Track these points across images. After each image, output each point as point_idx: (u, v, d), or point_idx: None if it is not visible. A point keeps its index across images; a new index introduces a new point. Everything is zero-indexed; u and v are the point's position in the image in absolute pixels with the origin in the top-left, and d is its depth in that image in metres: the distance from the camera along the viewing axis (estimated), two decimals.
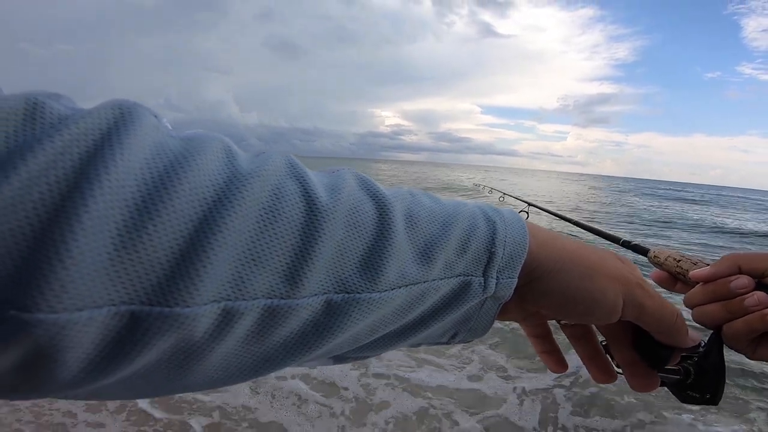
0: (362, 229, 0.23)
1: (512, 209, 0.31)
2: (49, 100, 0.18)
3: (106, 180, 0.17)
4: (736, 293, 0.38)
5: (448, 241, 0.26)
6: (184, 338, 0.19)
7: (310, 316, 0.22)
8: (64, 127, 0.18)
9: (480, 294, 0.27)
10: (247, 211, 0.20)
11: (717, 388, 0.40)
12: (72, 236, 0.16)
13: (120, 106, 0.20)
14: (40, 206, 0.16)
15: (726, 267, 0.40)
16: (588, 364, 0.36)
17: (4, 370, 0.17)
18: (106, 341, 0.18)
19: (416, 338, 0.28)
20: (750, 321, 0.37)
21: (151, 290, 0.18)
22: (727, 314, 0.38)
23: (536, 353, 0.37)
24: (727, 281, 0.39)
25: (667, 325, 0.31)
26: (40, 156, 0.17)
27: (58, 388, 0.19)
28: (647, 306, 0.30)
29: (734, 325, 0.38)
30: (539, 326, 0.36)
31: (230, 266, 0.20)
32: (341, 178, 0.25)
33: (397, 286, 0.24)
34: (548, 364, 0.37)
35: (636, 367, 0.34)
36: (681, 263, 0.45)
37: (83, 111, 0.19)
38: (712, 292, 0.40)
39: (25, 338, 0.16)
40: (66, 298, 0.16)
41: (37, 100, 0.18)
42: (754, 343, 0.38)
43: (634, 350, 0.34)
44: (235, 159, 0.22)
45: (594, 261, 0.30)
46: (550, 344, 0.36)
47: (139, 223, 0.18)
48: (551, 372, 0.38)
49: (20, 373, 0.18)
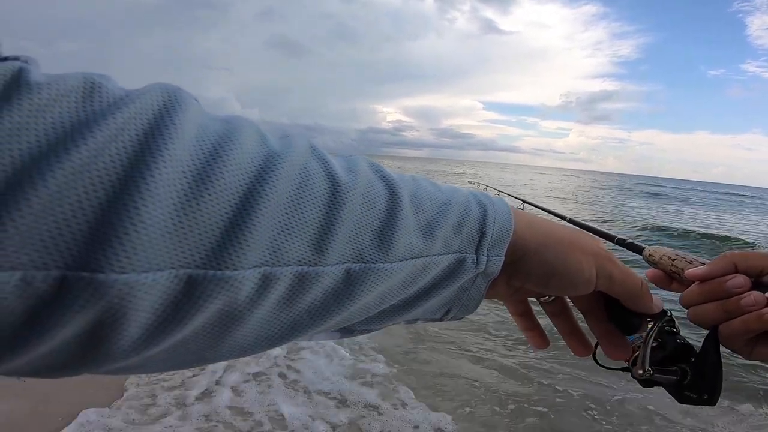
0: (376, 206, 0.26)
1: (501, 198, 0.33)
2: (103, 79, 0.20)
3: (167, 153, 0.19)
4: (732, 293, 0.38)
5: (446, 220, 0.29)
6: (230, 302, 0.21)
7: (332, 284, 0.24)
8: (122, 105, 0.19)
9: (473, 270, 0.30)
10: (283, 186, 0.22)
11: (714, 389, 0.39)
12: (142, 202, 0.18)
13: (167, 89, 0.21)
14: (105, 175, 0.18)
15: (722, 266, 0.39)
16: (567, 338, 0.39)
17: (68, 339, 0.18)
18: (165, 305, 0.19)
19: (416, 312, 0.30)
20: (747, 321, 0.36)
21: (206, 254, 0.20)
22: (724, 314, 0.38)
23: (521, 331, 0.41)
24: (723, 280, 0.38)
25: (634, 292, 0.35)
26: (104, 129, 0.18)
27: (112, 359, 0.20)
28: (616, 275, 0.34)
29: (731, 325, 0.37)
30: (522, 304, 0.39)
31: (269, 235, 0.21)
32: (356, 162, 0.28)
33: (404, 258, 0.27)
34: (532, 341, 0.40)
35: (610, 336, 0.38)
36: (676, 262, 0.45)
37: (136, 92, 0.20)
38: (708, 291, 0.39)
39: (95, 301, 0.17)
40: (135, 260, 0.18)
41: (94, 80, 0.19)
42: (750, 343, 0.38)
43: (608, 321, 0.38)
44: (267, 140, 0.24)
45: (570, 239, 0.34)
46: (532, 321, 0.40)
47: (196, 193, 0.19)
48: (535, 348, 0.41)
49: (84, 341, 0.19)
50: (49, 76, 0.19)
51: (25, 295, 0.16)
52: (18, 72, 0.18)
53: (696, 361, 0.40)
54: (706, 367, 0.39)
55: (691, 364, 0.40)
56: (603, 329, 0.38)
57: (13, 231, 0.16)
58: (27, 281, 0.16)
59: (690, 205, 20.22)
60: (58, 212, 0.17)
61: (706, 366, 0.39)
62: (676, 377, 0.40)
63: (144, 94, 0.20)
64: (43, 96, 0.18)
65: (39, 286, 0.17)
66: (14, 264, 0.16)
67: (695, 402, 0.40)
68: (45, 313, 0.17)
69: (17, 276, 0.16)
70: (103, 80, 0.20)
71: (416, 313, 0.31)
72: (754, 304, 0.36)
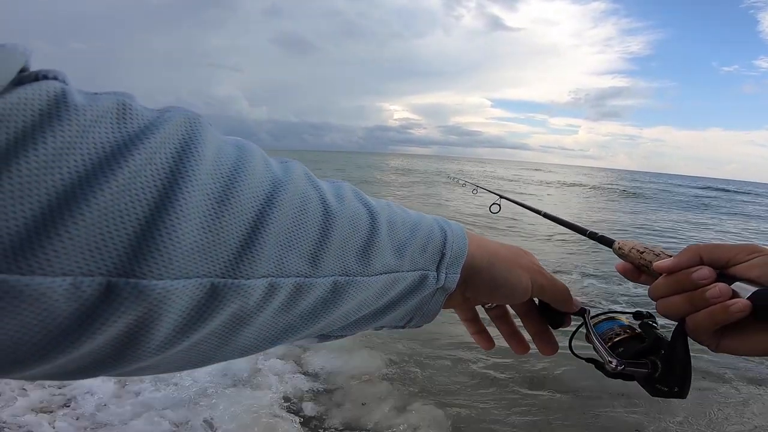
0: (360, 228, 0.30)
1: (458, 223, 0.40)
2: (131, 100, 0.22)
3: (194, 176, 0.22)
4: (698, 284, 0.37)
5: (414, 242, 0.34)
6: (241, 307, 0.24)
7: (322, 293, 0.28)
8: (154, 129, 0.22)
9: (433, 285, 0.35)
10: (287, 209, 0.26)
11: (684, 382, 0.39)
12: (176, 218, 0.20)
13: (188, 116, 0.24)
14: (142, 194, 0.20)
15: (688, 258, 0.39)
16: (508, 338, 0.47)
17: (108, 339, 0.20)
18: (191, 308, 0.22)
19: (384, 320, 0.35)
20: (712, 313, 0.36)
21: (225, 265, 0.23)
22: (690, 306, 0.38)
23: (470, 334, 0.48)
24: (689, 272, 0.38)
25: (559, 297, 0.44)
26: (141, 152, 0.20)
27: (138, 359, 0.22)
28: (546, 285, 0.43)
29: (697, 317, 0.37)
30: (470, 311, 0.46)
31: (275, 250, 0.25)
32: (342, 188, 0.32)
33: (380, 273, 0.31)
34: (480, 343, 0.48)
35: (541, 335, 0.46)
36: (644, 255, 0.45)
37: (162, 116, 0.23)
38: (675, 283, 0.39)
39: (138, 303, 0.20)
40: (171, 268, 0.20)
41: (125, 102, 0.22)
42: (717, 335, 0.38)
43: (540, 322, 0.46)
44: (271, 166, 0.27)
45: (511, 257, 0.41)
46: (479, 325, 0.47)
47: (218, 212, 0.22)
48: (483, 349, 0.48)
49: (121, 341, 0.21)
50: (86, 95, 0.21)
51: (74, 299, 0.18)
52: (62, 92, 0.20)
53: (665, 354, 0.40)
54: (674, 359, 0.39)
55: (660, 357, 0.40)
56: (536, 329, 0.46)
57: (67, 240, 0.18)
58: (76, 285, 0.18)
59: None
60: (104, 226, 0.19)
61: (675, 358, 0.39)
62: (646, 370, 0.40)
63: (170, 120, 0.23)
64: (88, 117, 0.20)
65: (86, 290, 0.19)
66: (65, 270, 0.18)
67: (666, 395, 0.40)
68: (92, 315, 0.19)
69: (68, 281, 0.18)
70: (132, 101, 0.22)
71: (384, 321, 0.35)
72: (719, 295, 0.36)
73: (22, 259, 0.17)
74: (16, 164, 0.17)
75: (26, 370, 0.20)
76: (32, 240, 0.17)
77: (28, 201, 0.17)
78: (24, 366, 0.19)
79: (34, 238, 0.17)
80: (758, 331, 0.35)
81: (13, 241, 0.17)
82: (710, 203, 17.72)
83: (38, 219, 0.17)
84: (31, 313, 0.18)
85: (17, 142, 0.17)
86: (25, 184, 0.17)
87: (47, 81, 0.20)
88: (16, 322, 0.18)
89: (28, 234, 0.17)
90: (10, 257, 0.17)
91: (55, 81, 0.20)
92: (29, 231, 0.17)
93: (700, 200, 18.80)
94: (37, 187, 0.17)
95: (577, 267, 4.90)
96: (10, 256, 0.17)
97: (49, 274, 0.18)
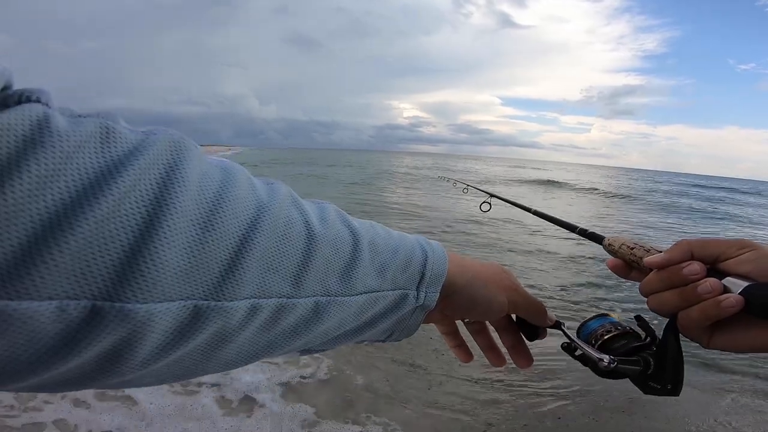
0: (342, 250, 0.31)
1: (438, 243, 0.41)
2: (114, 123, 0.22)
3: (178, 203, 0.22)
4: (689, 279, 0.37)
5: (395, 263, 0.35)
6: (223, 326, 0.25)
7: (303, 313, 0.29)
8: (137, 154, 0.22)
9: (413, 303, 0.37)
10: (270, 233, 0.26)
11: (677, 379, 0.39)
12: (160, 243, 0.21)
13: (173, 139, 0.24)
14: (127, 221, 0.20)
15: (679, 253, 0.39)
16: (486, 351, 0.49)
17: (93, 357, 0.21)
18: (174, 328, 0.22)
19: (364, 335, 0.36)
20: (704, 308, 0.36)
21: (209, 288, 0.23)
22: (682, 302, 0.38)
23: (449, 348, 0.50)
24: (680, 268, 0.38)
25: (534, 312, 0.46)
26: (124, 179, 0.20)
27: (121, 374, 0.23)
28: (521, 302, 0.45)
29: (689, 312, 0.37)
30: (450, 325, 0.49)
31: (258, 273, 0.25)
32: (326, 210, 0.33)
33: (361, 292, 0.32)
34: (458, 355, 0.50)
35: (516, 347, 0.48)
36: (635, 251, 0.45)
37: (146, 140, 0.23)
38: (665, 279, 0.39)
39: (122, 325, 0.20)
40: (154, 292, 0.21)
41: (108, 125, 0.22)
42: (708, 331, 0.38)
43: (515, 335, 0.48)
44: (256, 188, 0.28)
45: (489, 276, 0.43)
46: (458, 339, 0.50)
47: (203, 236, 0.23)
48: (461, 362, 0.50)
49: (106, 358, 0.21)
50: (69, 119, 0.21)
51: (59, 321, 0.19)
52: (44, 117, 0.20)
53: (657, 351, 0.40)
54: (666, 356, 0.39)
55: (653, 354, 0.40)
56: (511, 342, 0.48)
57: (53, 266, 0.18)
58: (62, 309, 0.19)
59: None
60: (89, 252, 0.19)
61: (667, 355, 0.39)
62: (639, 367, 0.40)
63: (154, 144, 0.23)
64: (71, 143, 0.20)
65: (72, 312, 0.19)
66: (51, 294, 0.18)
67: (659, 392, 0.40)
68: (78, 335, 0.20)
69: (54, 304, 0.19)
70: (115, 124, 0.22)
71: (364, 336, 0.36)
72: (711, 291, 0.36)
73: (10, 285, 0.18)
74: (0, 192, 0.17)
75: (16, 384, 0.21)
76: (19, 267, 0.18)
77: (14, 228, 0.17)
78: (13, 380, 0.20)
79: (20, 265, 0.18)
80: (750, 327, 0.35)
81: (0, 268, 0.17)
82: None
83: (24, 246, 0.18)
84: (19, 334, 0.18)
85: (1, 170, 0.17)
86: (11, 212, 0.17)
87: (30, 104, 0.20)
88: (5, 342, 0.18)
89: (15, 261, 0.18)
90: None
91: (38, 104, 0.20)
92: (16, 258, 0.18)
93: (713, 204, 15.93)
94: (22, 214, 0.18)
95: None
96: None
97: (35, 299, 0.18)
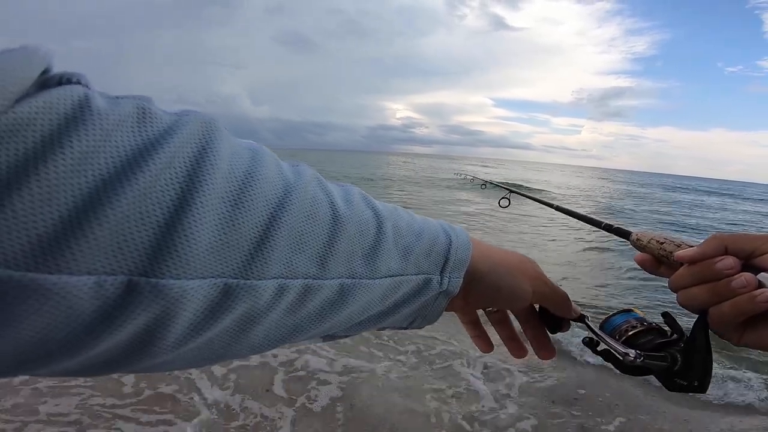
0: (367, 233, 0.31)
1: (462, 227, 0.40)
2: (149, 104, 0.23)
3: (210, 180, 0.22)
4: (722, 275, 0.36)
5: (419, 247, 0.34)
6: (252, 307, 0.25)
7: (328, 294, 0.29)
8: (172, 133, 0.22)
9: (436, 289, 0.36)
10: (297, 213, 0.26)
11: (704, 375, 0.38)
12: (193, 220, 0.21)
13: (204, 120, 0.25)
14: (162, 197, 0.21)
15: (712, 247, 0.38)
16: (507, 342, 0.49)
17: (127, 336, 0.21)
18: (205, 307, 0.23)
19: (387, 321, 0.36)
20: (738, 303, 0.35)
21: (238, 266, 0.23)
22: (714, 297, 0.37)
23: (470, 337, 0.50)
24: (713, 262, 0.37)
25: (559, 303, 0.45)
26: (160, 157, 0.21)
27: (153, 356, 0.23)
28: (546, 292, 0.44)
29: (721, 308, 0.36)
30: (472, 314, 0.48)
31: (286, 252, 0.25)
32: (350, 192, 0.33)
33: (385, 276, 0.32)
34: (479, 345, 0.49)
35: (538, 339, 0.48)
36: (665, 245, 0.44)
37: (180, 120, 0.23)
38: (697, 273, 0.38)
39: (156, 302, 0.21)
40: (188, 269, 0.21)
41: (144, 106, 0.22)
42: (740, 327, 0.37)
43: (538, 327, 0.47)
44: (283, 169, 0.28)
45: (514, 264, 0.42)
46: (479, 328, 0.49)
47: (233, 214, 0.23)
48: (482, 352, 0.50)
49: (138, 338, 0.21)
50: (107, 99, 0.21)
51: (97, 297, 0.19)
52: (85, 97, 0.20)
53: (685, 347, 0.39)
54: (695, 352, 0.39)
55: (680, 350, 0.40)
56: (533, 333, 0.48)
57: (92, 240, 0.19)
58: (100, 284, 0.19)
59: None
60: (126, 227, 0.19)
61: (696, 351, 0.39)
62: (665, 363, 0.39)
63: (187, 124, 0.23)
64: (110, 121, 0.20)
65: (108, 288, 0.19)
66: (90, 269, 0.19)
67: (686, 389, 0.39)
68: (114, 312, 0.20)
69: (92, 279, 0.19)
70: (151, 105, 0.23)
71: (387, 322, 0.36)
72: (746, 285, 0.35)
73: (51, 258, 0.18)
74: (44, 167, 0.18)
75: (51, 366, 0.21)
76: (59, 240, 0.18)
77: (56, 203, 0.18)
78: (50, 362, 0.20)
79: (61, 239, 0.18)
80: None
81: (41, 242, 0.18)
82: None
83: (65, 220, 0.18)
84: (57, 310, 0.18)
85: (44, 146, 0.18)
86: (53, 187, 0.18)
87: (71, 85, 0.20)
88: (44, 320, 0.18)
89: (55, 235, 0.18)
90: (39, 257, 0.18)
91: (78, 85, 0.21)
92: (57, 232, 0.18)
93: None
94: (64, 189, 0.18)
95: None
96: (39, 257, 0.18)
97: (75, 273, 0.18)
